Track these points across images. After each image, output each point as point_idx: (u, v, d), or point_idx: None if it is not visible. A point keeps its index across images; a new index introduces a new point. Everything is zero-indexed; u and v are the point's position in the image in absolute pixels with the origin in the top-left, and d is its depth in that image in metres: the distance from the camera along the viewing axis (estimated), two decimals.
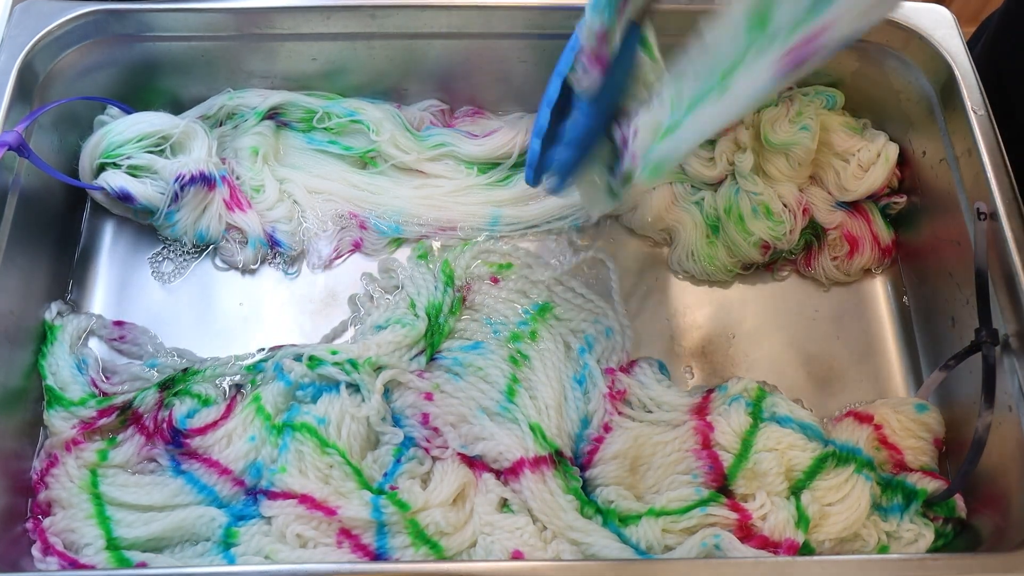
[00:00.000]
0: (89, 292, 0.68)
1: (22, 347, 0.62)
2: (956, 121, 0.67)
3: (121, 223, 0.71)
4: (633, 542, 0.56)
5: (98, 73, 0.70)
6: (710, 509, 0.57)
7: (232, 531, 0.57)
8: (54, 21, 0.66)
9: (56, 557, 0.56)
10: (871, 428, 0.61)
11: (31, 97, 0.65)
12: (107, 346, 0.65)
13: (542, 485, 0.57)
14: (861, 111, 0.75)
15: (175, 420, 0.60)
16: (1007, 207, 0.62)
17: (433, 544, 0.56)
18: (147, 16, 0.68)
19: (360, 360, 0.61)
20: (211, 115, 0.72)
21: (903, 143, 0.72)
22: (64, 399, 0.61)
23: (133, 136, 0.67)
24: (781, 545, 0.56)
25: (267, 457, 0.59)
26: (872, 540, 0.58)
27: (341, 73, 0.73)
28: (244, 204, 0.69)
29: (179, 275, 0.69)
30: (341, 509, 0.56)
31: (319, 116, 0.73)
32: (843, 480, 0.59)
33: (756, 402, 0.62)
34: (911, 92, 0.71)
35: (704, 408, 0.62)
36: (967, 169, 0.65)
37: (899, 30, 0.70)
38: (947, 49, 0.68)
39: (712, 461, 0.60)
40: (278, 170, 0.72)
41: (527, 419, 0.60)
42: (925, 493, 0.59)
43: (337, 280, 0.69)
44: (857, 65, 0.73)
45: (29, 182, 0.64)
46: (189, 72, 0.72)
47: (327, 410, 0.60)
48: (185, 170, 0.66)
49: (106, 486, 0.58)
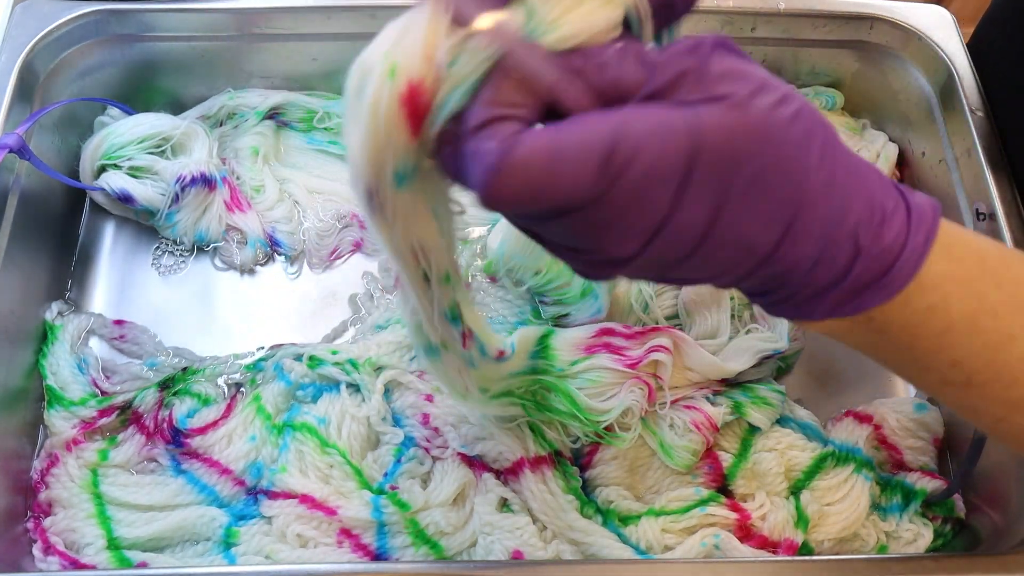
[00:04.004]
0: (89, 292, 0.68)
1: (22, 347, 0.62)
2: (955, 122, 0.67)
3: (121, 223, 0.71)
4: (633, 542, 0.56)
5: (98, 73, 0.70)
6: (710, 509, 0.57)
7: (233, 531, 0.57)
8: (54, 21, 0.66)
9: (57, 557, 0.56)
10: (870, 428, 0.61)
11: (31, 97, 0.65)
12: (107, 345, 0.65)
13: (542, 485, 0.57)
14: (860, 111, 0.75)
15: (175, 420, 0.60)
16: (1006, 207, 0.62)
17: (433, 544, 0.56)
18: (148, 16, 0.68)
19: (360, 360, 0.61)
20: (211, 115, 0.72)
21: (902, 143, 0.72)
22: (64, 399, 0.61)
23: (134, 138, 0.67)
24: (780, 545, 0.57)
25: (267, 457, 0.59)
26: (871, 540, 0.58)
27: (342, 73, 0.72)
28: (244, 205, 0.69)
29: (179, 269, 0.69)
30: (341, 509, 0.56)
31: (320, 116, 0.73)
32: (842, 480, 0.59)
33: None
34: (910, 92, 0.71)
35: None
36: (966, 169, 0.65)
37: (899, 31, 0.70)
38: (946, 50, 0.68)
39: (712, 461, 0.60)
40: (278, 170, 0.72)
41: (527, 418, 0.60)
42: (924, 493, 0.59)
43: (337, 280, 0.69)
44: (857, 65, 0.73)
45: (29, 183, 0.64)
46: (189, 72, 0.72)
47: (327, 410, 0.60)
48: (186, 171, 0.66)
49: (107, 486, 0.58)
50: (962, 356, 0.34)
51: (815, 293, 0.32)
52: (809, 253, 0.31)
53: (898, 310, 0.33)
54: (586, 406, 0.57)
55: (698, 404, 0.60)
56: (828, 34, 0.72)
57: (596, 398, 0.58)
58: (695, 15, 0.70)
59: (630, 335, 0.60)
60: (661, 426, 0.59)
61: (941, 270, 0.33)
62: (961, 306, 0.33)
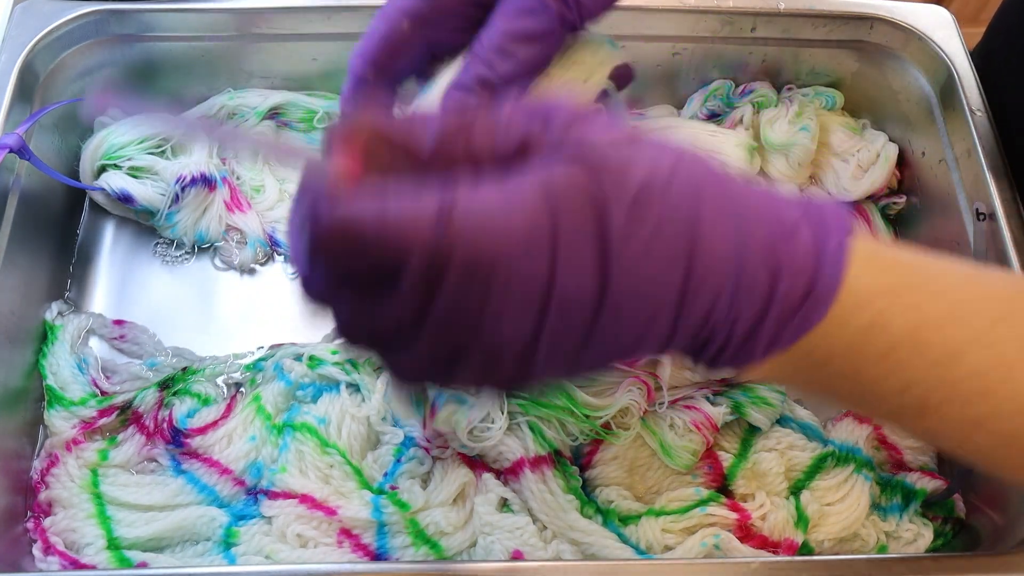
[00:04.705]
0: (89, 292, 0.68)
1: (22, 347, 0.62)
2: (955, 122, 0.67)
3: (121, 223, 0.71)
4: (633, 542, 0.56)
5: (98, 73, 0.70)
6: (710, 509, 0.57)
7: (233, 531, 0.57)
8: (54, 21, 0.66)
9: (57, 557, 0.56)
10: (870, 428, 0.61)
11: (31, 97, 0.65)
12: (107, 345, 0.65)
13: (542, 485, 0.57)
14: (861, 111, 0.75)
15: (175, 420, 0.60)
16: (1006, 207, 0.62)
17: (433, 544, 0.56)
18: (148, 16, 0.68)
19: (360, 360, 0.61)
20: (212, 115, 0.72)
21: (903, 143, 0.72)
22: (64, 399, 0.61)
23: (134, 138, 0.67)
24: (780, 545, 0.57)
25: (267, 457, 0.59)
26: (871, 540, 0.58)
27: (341, 73, 0.72)
28: (244, 205, 0.69)
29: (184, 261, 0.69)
30: (341, 509, 0.56)
31: (320, 116, 0.73)
32: (842, 480, 0.59)
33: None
34: (911, 93, 0.71)
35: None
36: (966, 170, 0.65)
37: (899, 30, 0.70)
38: (946, 50, 0.68)
39: (712, 461, 0.60)
40: (279, 170, 0.72)
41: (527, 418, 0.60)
42: (924, 493, 0.59)
43: None
44: (857, 65, 0.73)
45: (29, 183, 0.64)
46: (189, 72, 0.72)
47: (327, 410, 0.60)
48: (186, 171, 0.66)
49: (107, 486, 0.58)
50: (912, 378, 0.32)
51: (747, 330, 0.30)
52: (722, 283, 0.29)
53: (836, 333, 0.31)
54: (583, 401, 0.57)
55: (698, 404, 0.60)
56: (828, 34, 0.72)
57: (594, 395, 0.58)
58: (695, 14, 0.70)
59: None
60: (661, 426, 0.59)
61: (870, 283, 0.31)
62: (901, 321, 0.31)
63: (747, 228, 0.29)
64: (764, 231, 0.30)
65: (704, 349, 0.31)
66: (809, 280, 0.30)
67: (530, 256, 0.27)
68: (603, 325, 0.28)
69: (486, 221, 0.27)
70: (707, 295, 0.29)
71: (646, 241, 0.28)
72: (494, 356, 0.29)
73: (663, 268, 0.28)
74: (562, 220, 0.27)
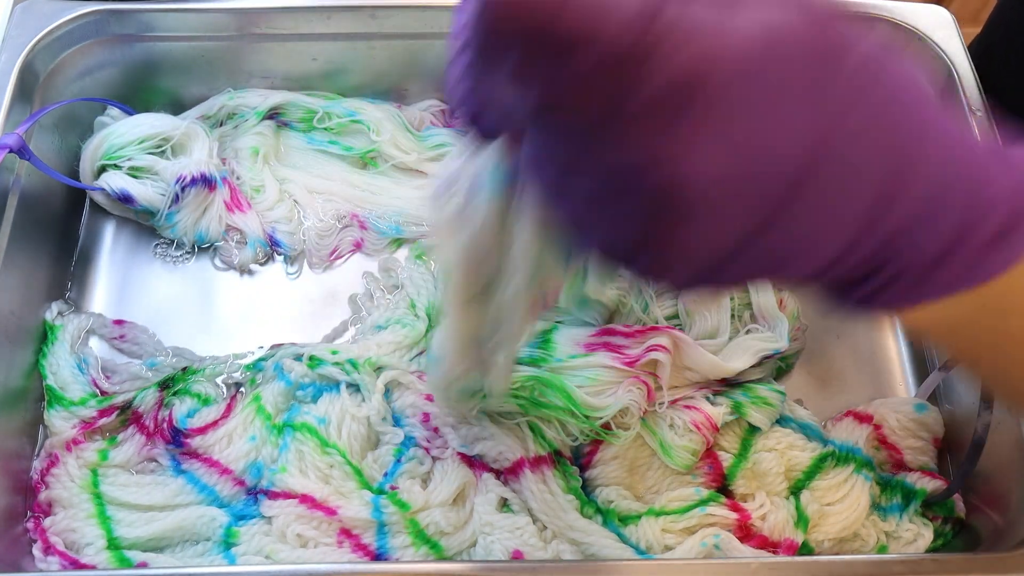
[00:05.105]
0: (89, 292, 0.68)
1: (22, 347, 0.62)
2: None
3: (121, 223, 0.71)
4: (633, 542, 0.56)
5: (99, 73, 0.70)
6: (710, 509, 0.57)
7: (233, 531, 0.57)
8: (54, 21, 0.66)
9: (57, 557, 0.56)
10: (870, 428, 0.61)
11: (32, 97, 0.66)
12: (107, 345, 0.65)
13: (542, 485, 0.57)
14: None
15: (175, 420, 0.60)
16: None
17: (433, 544, 0.56)
18: (148, 16, 0.68)
19: (360, 360, 0.61)
20: (211, 115, 0.72)
21: None
22: (64, 399, 0.61)
23: (134, 138, 0.67)
24: (780, 545, 0.57)
25: (267, 457, 0.59)
26: (871, 540, 0.58)
27: (341, 73, 0.73)
28: (244, 205, 0.69)
29: (184, 261, 0.69)
30: (341, 509, 0.56)
31: (319, 116, 0.73)
32: (842, 480, 0.59)
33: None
34: None
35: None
36: None
37: (899, 30, 0.70)
38: (946, 50, 0.68)
39: (712, 461, 0.60)
40: (278, 170, 0.72)
41: (527, 418, 0.60)
42: (924, 493, 0.59)
43: (337, 280, 0.69)
44: None
45: (29, 183, 0.64)
46: (189, 72, 0.72)
47: (327, 410, 0.60)
48: (186, 172, 0.66)
49: (107, 486, 0.58)
50: None
51: (936, 256, 0.25)
52: (929, 195, 0.25)
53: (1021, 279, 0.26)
54: (583, 401, 0.57)
55: (698, 404, 0.60)
56: None
57: (594, 395, 0.58)
58: None
59: (630, 334, 0.60)
60: (661, 426, 0.59)
61: None
62: None
63: (957, 142, 0.26)
64: (974, 153, 0.26)
65: (866, 280, 0.26)
66: (1016, 211, 0.26)
67: (745, 81, 0.22)
68: (792, 208, 0.24)
69: (701, 30, 0.22)
70: (907, 206, 0.25)
71: (861, 122, 0.24)
72: (669, 196, 0.24)
73: (871, 157, 0.24)
74: (782, 66, 0.23)
